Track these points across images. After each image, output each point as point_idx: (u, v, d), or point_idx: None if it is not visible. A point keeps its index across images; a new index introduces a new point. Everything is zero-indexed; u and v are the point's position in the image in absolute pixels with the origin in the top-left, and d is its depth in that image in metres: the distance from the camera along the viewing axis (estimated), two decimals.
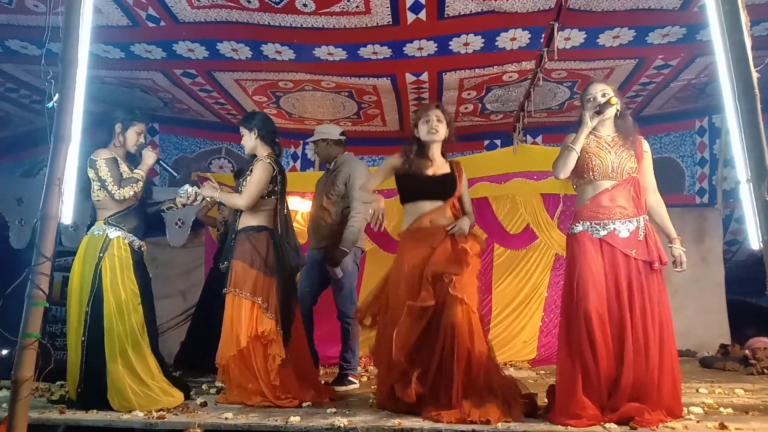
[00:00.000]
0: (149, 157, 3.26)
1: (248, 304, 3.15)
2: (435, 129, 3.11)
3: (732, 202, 5.59)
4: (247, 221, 3.32)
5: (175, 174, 3.55)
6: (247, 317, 3.13)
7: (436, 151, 3.18)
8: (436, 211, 3.09)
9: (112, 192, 3.08)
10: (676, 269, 2.74)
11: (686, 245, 2.80)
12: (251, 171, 3.33)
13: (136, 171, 3.19)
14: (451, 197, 3.12)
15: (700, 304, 5.46)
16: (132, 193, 3.11)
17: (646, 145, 2.84)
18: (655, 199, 2.81)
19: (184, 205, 3.40)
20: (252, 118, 3.46)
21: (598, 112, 2.77)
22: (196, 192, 3.36)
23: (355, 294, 4.14)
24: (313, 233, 4.12)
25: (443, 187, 3.12)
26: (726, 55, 1.89)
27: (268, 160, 3.32)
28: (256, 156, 3.39)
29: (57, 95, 2.17)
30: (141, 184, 3.16)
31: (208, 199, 3.39)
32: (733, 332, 5.45)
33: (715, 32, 1.96)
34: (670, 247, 2.76)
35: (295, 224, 3.93)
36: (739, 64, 1.85)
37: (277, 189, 3.34)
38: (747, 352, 4.76)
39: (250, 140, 3.41)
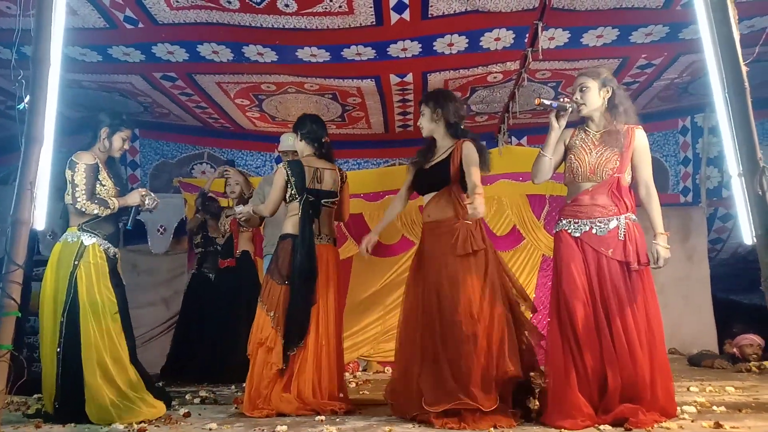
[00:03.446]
0: (135, 198, 3.15)
1: (260, 312, 3.21)
2: (420, 125, 3.12)
3: (715, 201, 5.64)
4: (282, 230, 3.36)
5: (129, 226, 3.26)
6: (257, 324, 3.19)
7: (439, 141, 3.08)
8: (432, 202, 3.00)
9: (78, 199, 2.95)
10: (652, 266, 2.67)
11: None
12: None
13: (113, 199, 3.07)
14: (447, 185, 2.95)
15: (686, 302, 5.49)
16: (95, 212, 3.00)
17: (639, 137, 2.73)
18: (646, 191, 2.74)
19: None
20: (298, 122, 3.52)
21: (561, 113, 2.73)
22: (247, 211, 3.55)
23: None
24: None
25: (434, 177, 3.01)
26: (715, 49, 1.87)
27: (280, 165, 3.38)
28: None
29: (28, 96, 2.08)
30: (108, 212, 3.05)
31: (245, 214, 3.55)
32: (719, 330, 5.47)
33: (704, 26, 1.94)
34: (653, 242, 2.67)
35: None
36: (728, 57, 1.83)
37: (293, 193, 3.29)
38: (734, 349, 4.78)
39: (297, 144, 3.53)
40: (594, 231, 2.66)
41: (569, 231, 2.71)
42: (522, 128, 5.68)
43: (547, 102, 2.78)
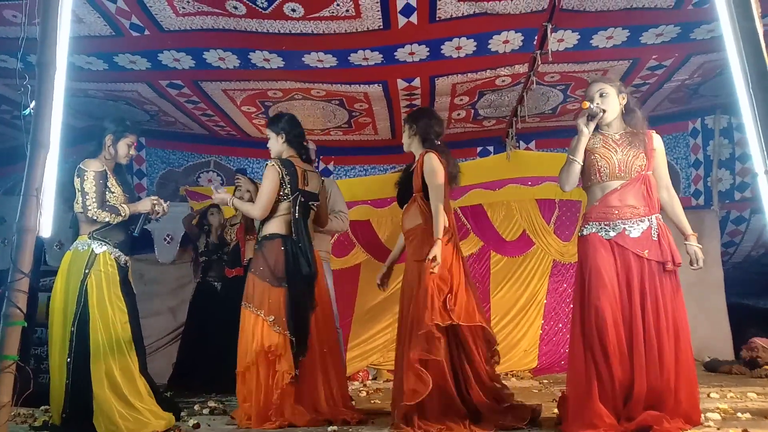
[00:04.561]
0: (145, 204, 3.12)
1: (255, 317, 3.03)
2: (403, 143, 3.25)
3: (728, 203, 5.57)
4: (264, 230, 3.22)
5: (136, 233, 3.21)
6: (253, 331, 3.01)
7: (416, 156, 3.19)
8: (405, 212, 3.13)
9: (89, 207, 2.93)
10: (692, 267, 2.64)
11: (684, 248, 2.69)
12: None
13: (123, 206, 3.03)
14: (411, 195, 3.08)
15: (699, 307, 5.37)
16: (107, 220, 2.97)
17: (657, 141, 2.73)
18: (668, 195, 2.72)
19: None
20: (278, 120, 3.33)
21: (590, 118, 2.71)
22: (221, 197, 3.31)
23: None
24: None
25: (404, 189, 3.16)
26: (737, 44, 1.82)
27: (272, 163, 3.19)
28: None
29: (33, 102, 2.04)
30: (120, 219, 3.01)
31: (219, 200, 3.33)
32: (733, 335, 5.37)
33: (725, 22, 1.88)
34: (686, 244, 2.65)
35: None
36: (752, 52, 1.77)
37: (286, 192, 3.17)
38: (752, 353, 4.68)
39: (276, 144, 3.31)
40: (628, 232, 2.60)
41: (600, 234, 2.64)
42: (530, 132, 5.64)
43: (592, 106, 2.72)
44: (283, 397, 2.96)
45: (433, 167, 2.97)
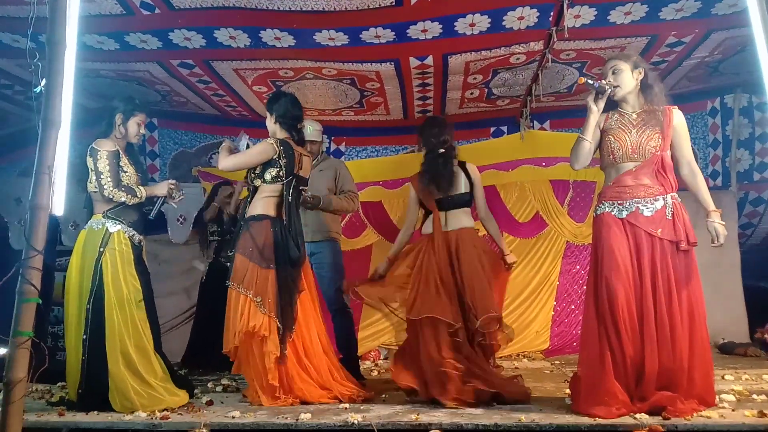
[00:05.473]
0: (162, 188, 3.15)
1: (243, 298, 3.02)
2: None
3: (746, 185, 5.46)
4: (251, 210, 3.19)
5: (152, 216, 3.31)
6: (241, 312, 3.00)
7: None
8: None
9: (104, 187, 2.95)
10: (713, 244, 2.61)
11: (700, 230, 2.65)
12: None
13: (140, 188, 3.06)
14: None
15: (715, 290, 5.28)
16: (123, 200, 2.98)
17: (677, 117, 2.67)
18: (689, 170, 2.67)
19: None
20: (274, 101, 3.36)
21: (599, 95, 2.67)
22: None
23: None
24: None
25: None
26: (763, 18, 1.75)
27: (271, 141, 3.18)
28: None
29: (44, 80, 2.04)
30: (136, 201, 3.03)
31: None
32: (749, 317, 5.31)
33: None
34: (707, 221, 2.60)
35: None
36: None
37: (281, 174, 3.16)
38: (767, 335, 4.64)
39: (269, 123, 3.34)
40: (641, 211, 2.57)
41: (613, 213, 2.62)
42: (545, 112, 5.54)
43: (591, 81, 2.71)
44: (289, 374, 2.98)
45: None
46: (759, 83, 1.89)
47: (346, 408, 2.78)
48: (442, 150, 3.39)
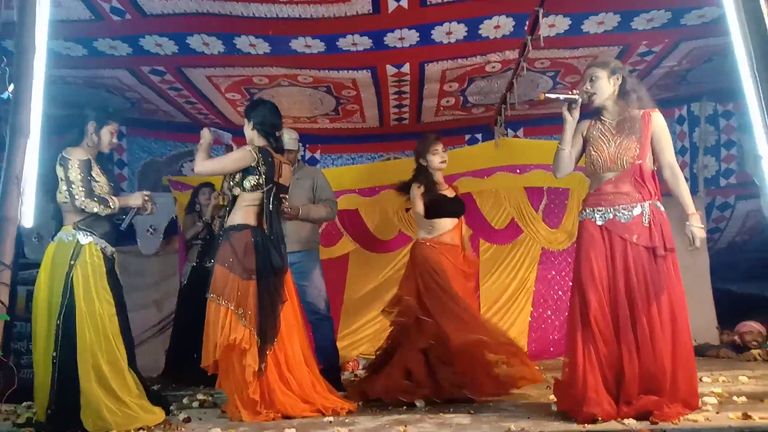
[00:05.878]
0: (136, 199, 3.06)
1: (224, 310, 2.93)
2: (444, 160, 3.70)
3: (713, 190, 5.61)
4: (230, 220, 3.12)
5: (123, 227, 3.20)
6: (221, 324, 2.91)
7: (440, 176, 3.73)
8: (455, 228, 3.63)
9: (76, 197, 2.83)
10: (690, 248, 2.65)
11: (678, 234, 2.68)
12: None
13: (113, 198, 2.95)
14: (462, 215, 3.73)
15: (687, 292, 5.31)
16: (95, 211, 2.87)
17: (655, 121, 2.68)
18: (671, 173, 2.68)
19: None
20: (252, 108, 3.29)
21: (572, 105, 2.72)
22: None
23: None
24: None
25: (459, 206, 3.72)
26: (741, 26, 1.79)
27: (249, 148, 3.11)
28: None
29: (12, 85, 1.95)
30: (109, 211, 2.92)
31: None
32: (719, 320, 5.43)
33: (729, 2, 1.85)
34: (686, 224, 2.63)
35: None
36: (756, 32, 1.74)
37: (261, 182, 3.08)
38: (735, 337, 4.74)
39: (247, 130, 3.26)
40: (618, 218, 2.61)
41: (593, 219, 2.66)
42: (519, 120, 5.60)
43: (552, 96, 2.78)
44: (270, 387, 2.90)
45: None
46: (735, 91, 1.92)
47: (330, 422, 2.72)
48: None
